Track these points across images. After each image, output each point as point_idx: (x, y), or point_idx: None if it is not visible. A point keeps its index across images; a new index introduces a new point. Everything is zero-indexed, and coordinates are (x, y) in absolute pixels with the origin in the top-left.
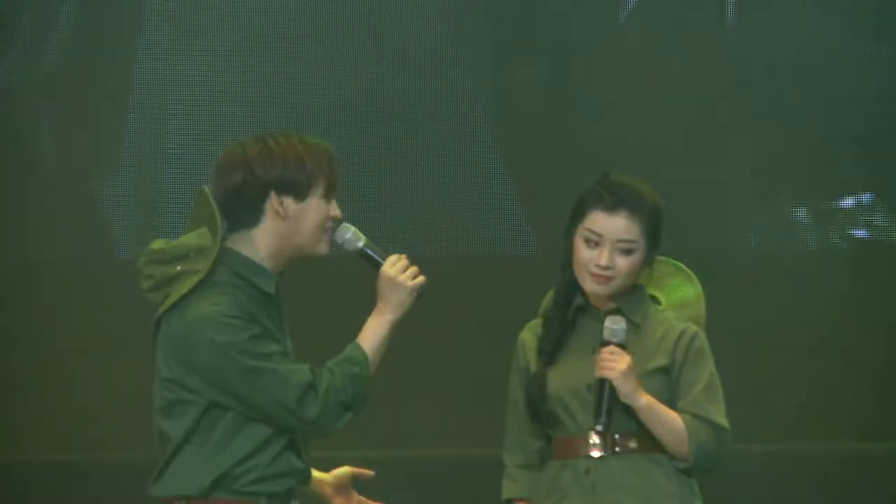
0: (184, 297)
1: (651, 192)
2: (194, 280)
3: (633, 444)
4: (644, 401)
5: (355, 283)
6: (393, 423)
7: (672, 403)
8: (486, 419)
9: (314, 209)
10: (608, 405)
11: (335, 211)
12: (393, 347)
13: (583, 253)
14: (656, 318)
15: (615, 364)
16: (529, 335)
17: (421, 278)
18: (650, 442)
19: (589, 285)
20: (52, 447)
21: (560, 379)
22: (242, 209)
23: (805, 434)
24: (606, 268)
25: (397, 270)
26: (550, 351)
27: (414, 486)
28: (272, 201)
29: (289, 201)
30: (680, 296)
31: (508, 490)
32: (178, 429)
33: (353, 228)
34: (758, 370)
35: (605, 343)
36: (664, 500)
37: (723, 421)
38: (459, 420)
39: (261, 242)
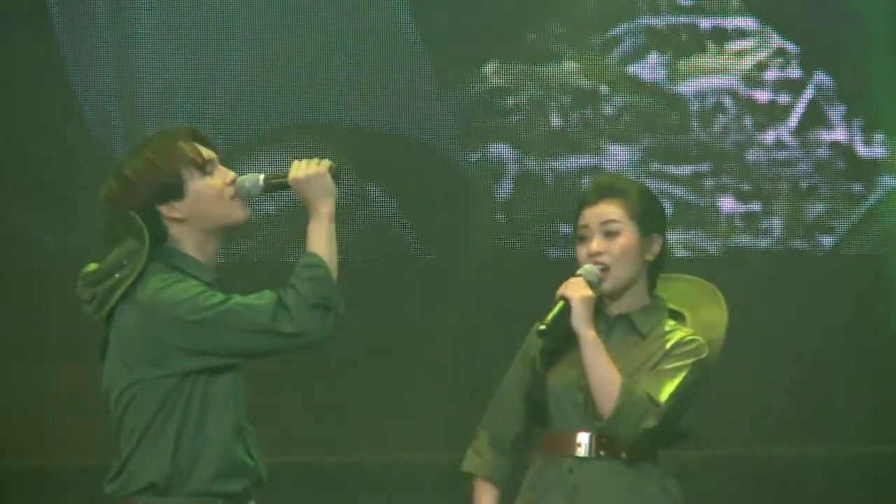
0: (129, 290)
1: (633, 181)
2: (135, 273)
3: (623, 454)
4: (592, 335)
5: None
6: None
7: None
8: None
9: (203, 192)
10: (559, 319)
11: (227, 176)
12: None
13: (579, 251)
14: (664, 328)
15: (578, 290)
16: None
17: (326, 161)
18: (640, 452)
19: None
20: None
21: (559, 376)
22: (149, 229)
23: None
24: (597, 253)
25: (302, 169)
26: (551, 351)
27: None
28: (163, 213)
29: (175, 204)
30: (705, 318)
31: (471, 464)
32: (140, 421)
33: (246, 177)
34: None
35: (577, 276)
36: None
37: (659, 396)
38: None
39: (183, 244)
